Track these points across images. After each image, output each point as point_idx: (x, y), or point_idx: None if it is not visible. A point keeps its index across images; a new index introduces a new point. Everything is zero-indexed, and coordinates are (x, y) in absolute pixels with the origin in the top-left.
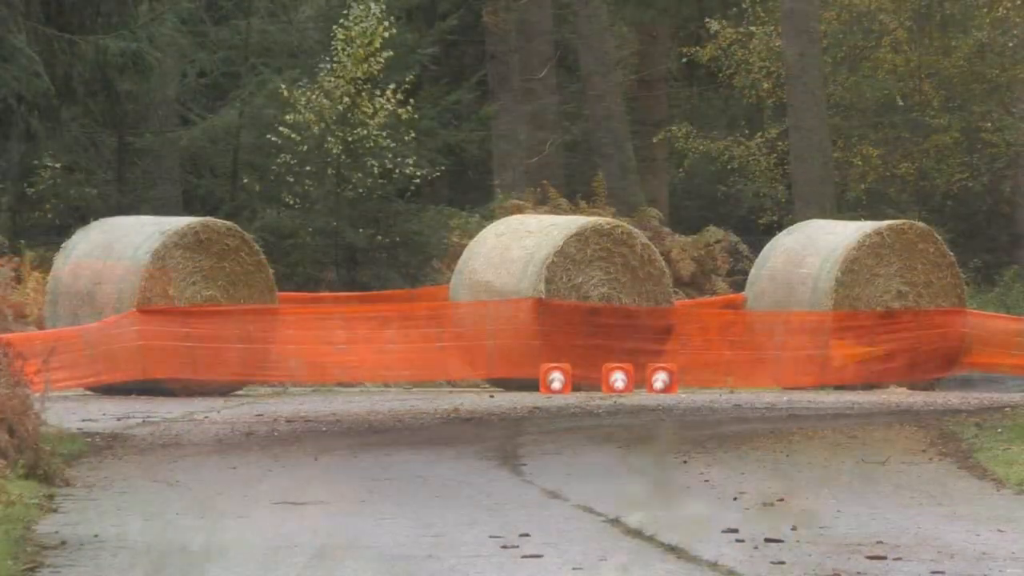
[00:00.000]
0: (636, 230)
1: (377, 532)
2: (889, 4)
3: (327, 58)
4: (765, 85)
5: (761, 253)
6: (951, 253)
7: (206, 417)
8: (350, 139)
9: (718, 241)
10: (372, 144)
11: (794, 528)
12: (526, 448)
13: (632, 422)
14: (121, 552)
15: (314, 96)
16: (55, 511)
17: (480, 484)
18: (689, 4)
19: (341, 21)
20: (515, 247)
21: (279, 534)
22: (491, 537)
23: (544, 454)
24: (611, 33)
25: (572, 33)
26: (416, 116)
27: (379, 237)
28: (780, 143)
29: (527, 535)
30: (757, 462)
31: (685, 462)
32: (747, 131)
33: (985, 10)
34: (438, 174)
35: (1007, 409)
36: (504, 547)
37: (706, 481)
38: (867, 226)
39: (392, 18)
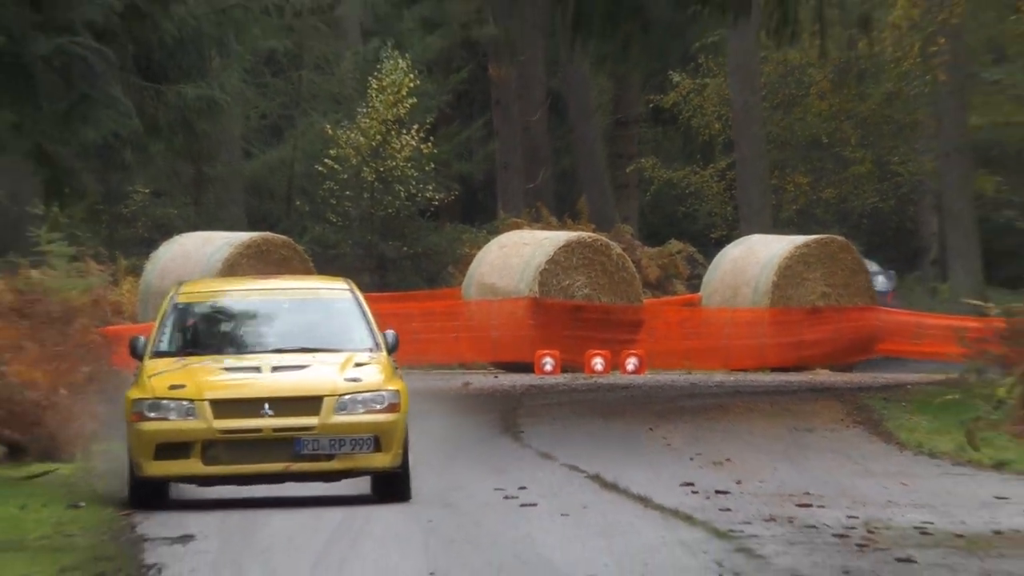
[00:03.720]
0: (612, 243)
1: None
2: (816, 60)
3: (363, 103)
4: (716, 126)
5: (713, 261)
6: (865, 262)
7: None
8: (381, 169)
9: (678, 251)
10: (399, 173)
11: (738, 482)
12: (523, 418)
13: (609, 397)
14: None
15: (352, 135)
16: None
17: (487, 447)
18: (655, 59)
19: (375, 73)
20: (514, 256)
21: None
22: (495, 489)
23: (538, 423)
24: (592, 84)
25: (561, 83)
26: (435, 151)
27: (405, 248)
28: (728, 172)
29: (524, 488)
30: (709, 430)
31: (651, 429)
32: (702, 163)
33: (893, 65)
34: (452, 197)
35: (908, 387)
36: (506, 497)
37: (668, 445)
38: (798, 239)
39: (415, 71)
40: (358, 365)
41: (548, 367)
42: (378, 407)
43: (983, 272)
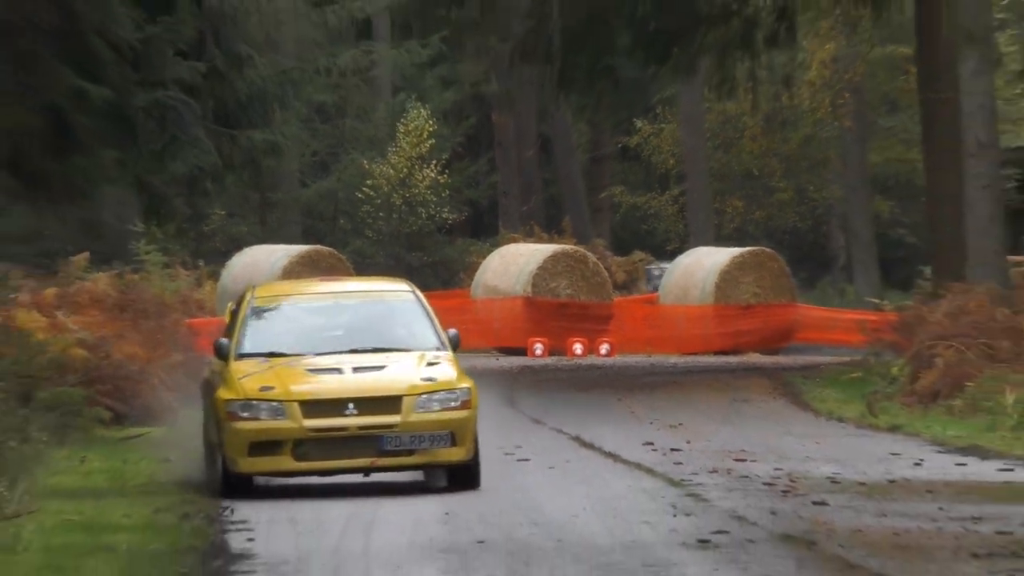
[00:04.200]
0: (589, 253)
1: None
2: (748, 110)
3: (393, 144)
4: (671, 161)
5: (668, 268)
6: (788, 268)
7: None
8: (407, 196)
9: (641, 260)
10: (421, 199)
11: (688, 442)
12: (518, 392)
13: (586, 375)
14: None
15: (384, 168)
16: None
17: (490, 414)
18: (623, 110)
19: (402, 120)
20: (512, 264)
21: None
22: (497, 448)
23: (530, 395)
24: (572, 129)
25: (548, 128)
26: (449, 181)
27: (425, 258)
28: (680, 198)
29: (520, 447)
30: (665, 400)
31: (619, 400)
32: (659, 190)
33: (809, 114)
34: (463, 218)
35: (821, 367)
36: (505, 454)
37: (632, 412)
38: (735, 251)
39: (434, 119)
40: (430, 364)
41: (538, 351)
42: (453, 404)
43: (880, 277)
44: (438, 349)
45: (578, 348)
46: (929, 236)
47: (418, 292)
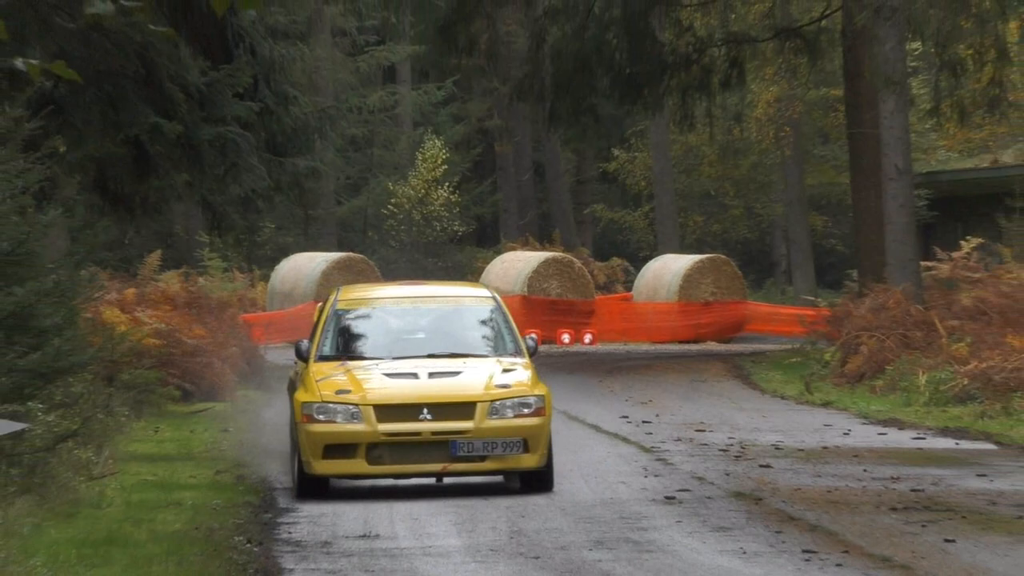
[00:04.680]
0: (575, 259)
1: None
2: (707, 141)
3: (413, 169)
4: (642, 183)
5: (641, 271)
6: (739, 271)
7: None
8: (425, 212)
9: (618, 264)
10: (436, 214)
11: (657, 415)
12: None
13: (573, 360)
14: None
15: (406, 189)
16: (271, 405)
17: None
18: (603, 140)
19: (420, 150)
20: (511, 269)
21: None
22: None
23: None
24: (561, 156)
25: (541, 156)
26: (459, 199)
27: (439, 263)
28: (650, 213)
29: None
30: (638, 380)
31: (600, 381)
32: (633, 207)
33: (756, 144)
34: (471, 230)
35: (766, 353)
36: None
37: (610, 391)
38: (695, 257)
39: (447, 148)
40: (506, 371)
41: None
42: (526, 411)
43: (815, 279)
44: (515, 355)
45: (566, 338)
46: (855, 245)
47: (499, 298)
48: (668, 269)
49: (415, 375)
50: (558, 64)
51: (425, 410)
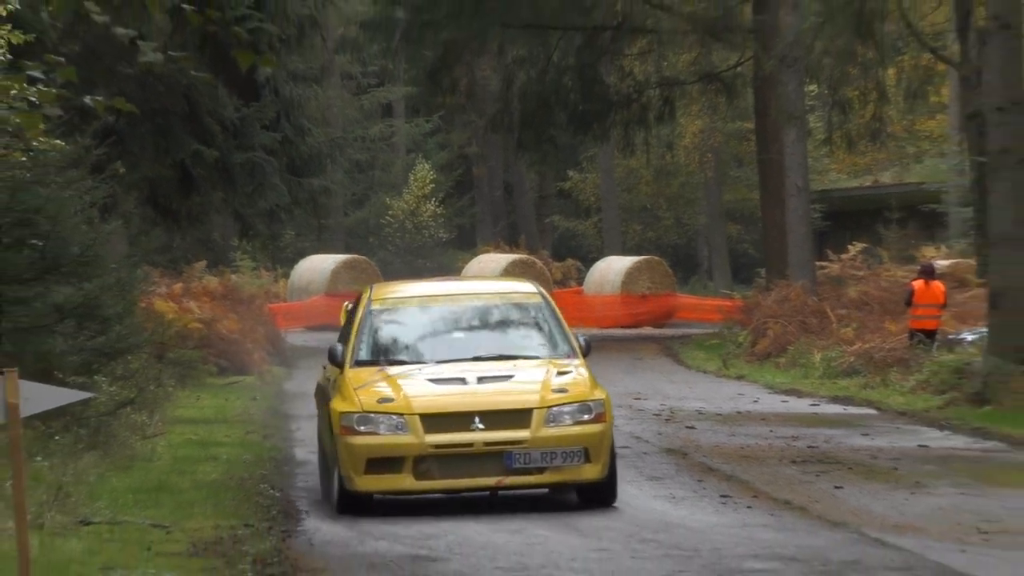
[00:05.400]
0: (537, 260)
1: None
2: (644, 165)
3: (406, 187)
4: (592, 199)
5: (590, 270)
6: (670, 270)
7: None
8: (416, 222)
9: (572, 264)
10: (425, 224)
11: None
12: None
13: None
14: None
15: (400, 203)
16: (291, 379)
17: None
18: (560, 164)
19: (412, 171)
20: (486, 267)
21: None
22: None
23: None
24: (526, 176)
25: (510, 176)
26: (444, 211)
27: (428, 264)
28: (599, 223)
29: None
30: (588, 359)
31: None
32: (585, 218)
33: (684, 167)
34: (453, 236)
35: (692, 336)
36: None
37: None
38: (635, 258)
39: (433, 170)
40: (561, 373)
41: None
42: (586, 418)
43: (731, 276)
44: (569, 356)
45: None
46: (763, 249)
47: (546, 294)
48: (612, 268)
49: (463, 380)
50: (524, 102)
51: (477, 419)
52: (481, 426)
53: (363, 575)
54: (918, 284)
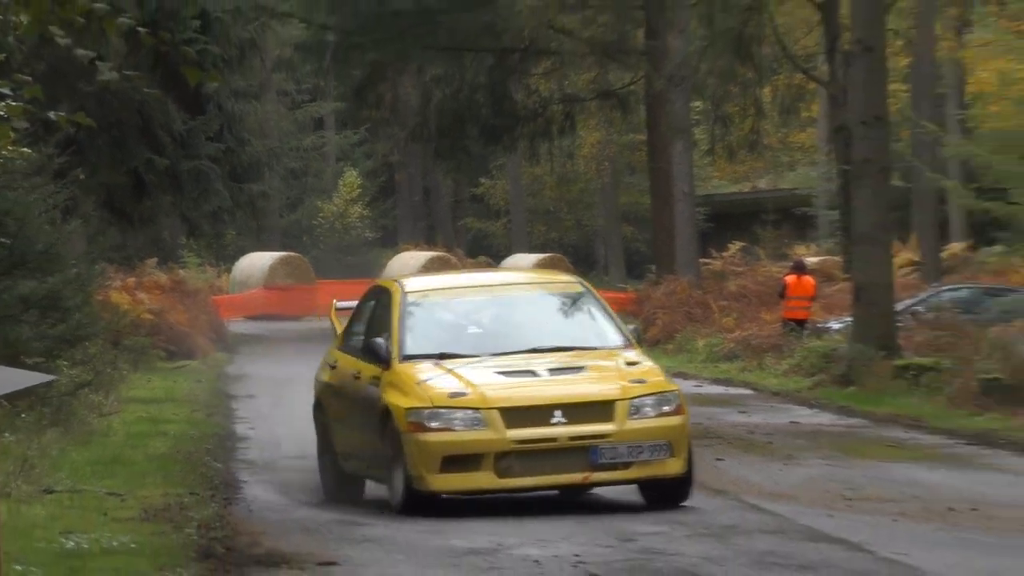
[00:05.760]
0: (452, 256)
1: None
2: (548, 173)
3: (336, 192)
4: (503, 202)
5: (500, 265)
6: (571, 266)
7: (284, 327)
8: (344, 223)
9: (484, 261)
10: (353, 225)
11: None
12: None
13: None
14: (259, 366)
15: (331, 207)
16: (232, 363)
17: None
18: (473, 172)
19: (341, 177)
20: (407, 264)
21: None
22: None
23: None
24: (443, 183)
25: (429, 182)
26: (369, 214)
27: (355, 260)
28: (508, 224)
29: None
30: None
31: None
32: (495, 220)
33: (584, 175)
34: (378, 236)
35: None
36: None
37: None
38: (540, 255)
39: (360, 177)
40: (630, 364)
41: None
42: (667, 409)
43: (625, 272)
44: (625, 346)
45: None
46: (653, 248)
47: (587, 284)
48: (519, 264)
49: (533, 372)
50: (441, 117)
51: (559, 412)
52: (563, 420)
53: (297, 536)
54: (791, 278)
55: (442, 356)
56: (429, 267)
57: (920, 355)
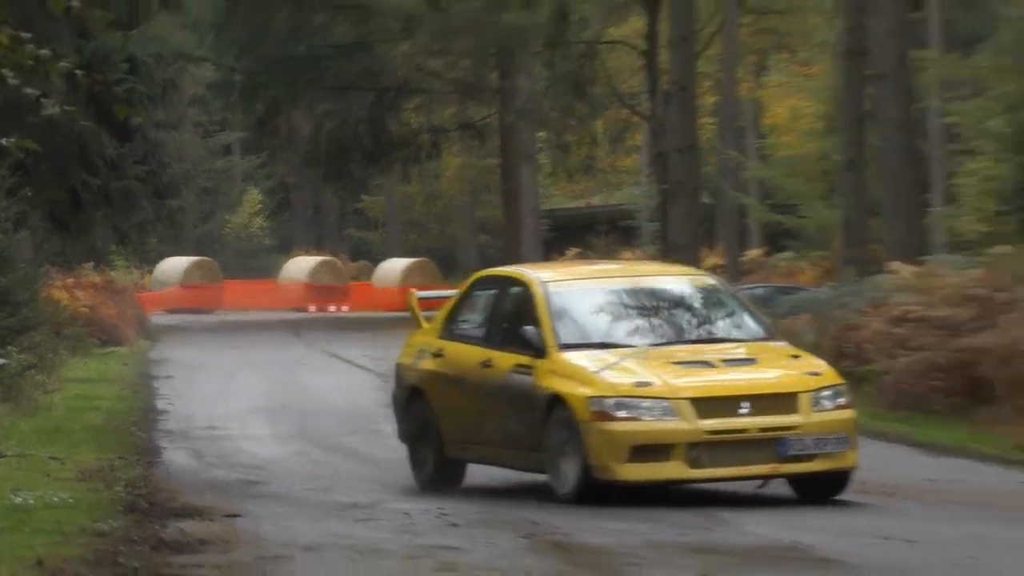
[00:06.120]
0: (338, 260)
1: None
2: (419, 191)
3: (241, 207)
4: (380, 215)
5: (377, 268)
6: (436, 269)
7: (198, 319)
8: (248, 232)
9: (364, 264)
10: (255, 234)
11: (380, 356)
12: (304, 331)
13: (336, 322)
14: (176, 352)
15: (237, 219)
16: (154, 349)
17: (287, 343)
18: (356, 189)
19: (246, 195)
20: (301, 267)
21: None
22: (291, 359)
23: (313, 331)
24: (332, 199)
25: (319, 199)
26: (268, 225)
27: (256, 264)
28: (384, 234)
29: (302, 361)
30: (381, 336)
31: (362, 332)
32: (375, 230)
33: (447, 192)
34: (276, 243)
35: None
36: (294, 361)
37: (359, 339)
38: (411, 260)
39: (262, 195)
40: (794, 357)
41: (312, 309)
42: (842, 402)
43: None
44: (768, 338)
45: (332, 308)
46: (505, 254)
47: (718, 277)
48: (394, 267)
49: (708, 363)
50: (329, 144)
51: (747, 404)
52: (749, 411)
53: (207, 493)
54: None
55: (601, 346)
56: (318, 269)
57: None
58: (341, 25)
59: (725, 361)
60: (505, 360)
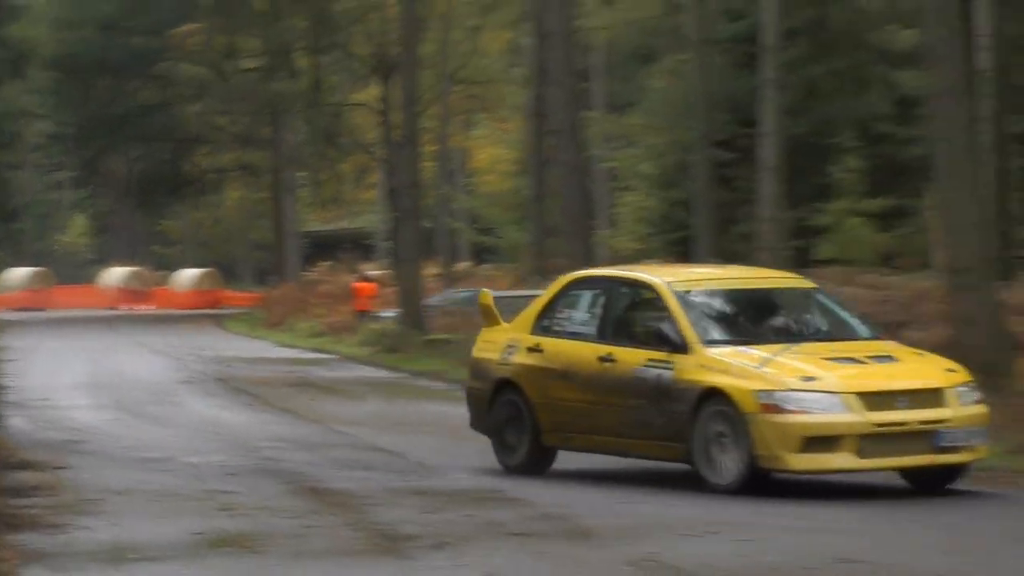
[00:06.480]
0: (144, 271)
1: None
2: (208, 218)
3: (71, 230)
4: (179, 236)
5: (174, 275)
6: (221, 276)
7: (35, 316)
8: (76, 249)
9: (166, 273)
10: (81, 250)
11: (179, 345)
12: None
13: (143, 318)
14: (18, 339)
15: (66, 238)
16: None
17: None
18: (161, 215)
19: (72, 219)
20: (116, 275)
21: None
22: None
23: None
24: (139, 222)
25: (134, 223)
26: (93, 244)
27: (82, 273)
28: (182, 250)
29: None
30: (173, 329)
31: (160, 331)
32: (174, 247)
33: (228, 218)
34: (98, 258)
35: (232, 315)
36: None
37: (162, 337)
38: (202, 269)
39: (89, 220)
40: (920, 354)
41: (125, 308)
42: (976, 397)
43: (258, 279)
44: (878, 338)
45: (140, 307)
46: (274, 265)
47: (818, 282)
48: (188, 275)
49: (857, 360)
50: (142, 181)
51: (904, 398)
52: (906, 404)
53: (40, 451)
54: (360, 284)
55: (741, 343)
56: (129, 277)
57: (441, 333)
58: (148, 90)
59: (871, 358)
60: (632, 355)
